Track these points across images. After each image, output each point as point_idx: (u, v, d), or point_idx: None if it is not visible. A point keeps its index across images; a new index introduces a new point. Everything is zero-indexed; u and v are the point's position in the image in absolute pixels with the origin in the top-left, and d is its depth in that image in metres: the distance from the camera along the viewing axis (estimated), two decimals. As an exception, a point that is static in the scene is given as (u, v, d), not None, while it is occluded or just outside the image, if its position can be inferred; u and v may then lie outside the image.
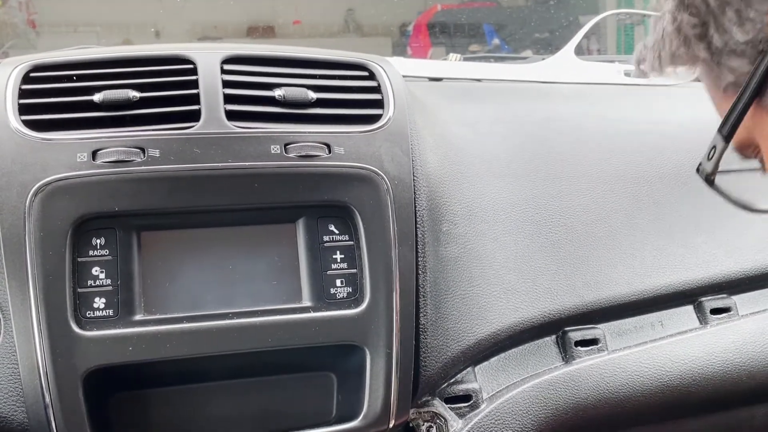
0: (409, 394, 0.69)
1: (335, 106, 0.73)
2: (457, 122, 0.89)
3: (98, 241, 0.64)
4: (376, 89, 0.76)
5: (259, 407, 0.69)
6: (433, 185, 0.79)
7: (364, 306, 0.67)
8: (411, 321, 0.69)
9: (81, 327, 0.61)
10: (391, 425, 0.67)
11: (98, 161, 0.64)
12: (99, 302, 0.63)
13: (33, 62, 0.70)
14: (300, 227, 0.69)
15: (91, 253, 0.63)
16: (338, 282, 0.68)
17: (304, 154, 0.69)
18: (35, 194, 0.62)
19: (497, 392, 0.79)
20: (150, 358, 0.62)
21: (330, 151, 0.69)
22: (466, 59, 1.21)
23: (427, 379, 0.74)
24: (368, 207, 0.69)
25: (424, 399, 0.76)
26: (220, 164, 0.66)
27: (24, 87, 0.68)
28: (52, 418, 0.60)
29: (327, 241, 0.69)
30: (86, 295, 0.62)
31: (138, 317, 0.63)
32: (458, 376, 0.79)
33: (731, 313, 0.88)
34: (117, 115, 0.67)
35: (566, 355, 0.82)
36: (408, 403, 0.69)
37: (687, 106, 1.09)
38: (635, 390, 0.81)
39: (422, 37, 2.96)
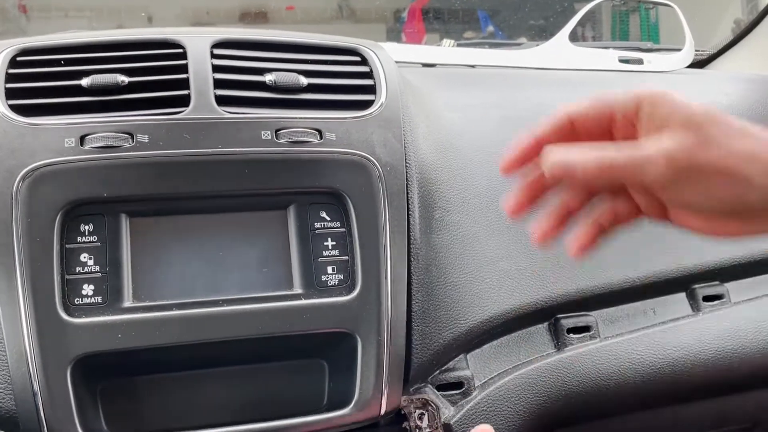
0: (400, 381, 0.68)
1: (327, 92, 0.73)
2: (450, 108, 0.88)
3: (86, 227, 0.63)
4: (368, 75, 0.75)
5: (249, 395, 0.68)
6: (426, 172, 0.79)
7: (355, 293, 0.66)
8: (402, 308, 0.68)
9: (69, 314, 0.61)
10: (382, 412, 0.66)
11: (86, 146, 0.63)
12: (87, 289, 0.62)
13: (20, 46, 0.69)
14: (291, 214, 0.68)
15: (79, 239, 0.63)
16: (329, 269, 0.68)
17: (295, 140, 0.68)
18: (22, 179, 0.61)
19: (489, 379, 0.79)
20: (139, 345, 0.62)
21: (321, 137, 0.69)
22: (460, 45, 1.20)
23: (419, 367, 0.74)
24: (360, 194, 0.68)
25: (416, 386, 0.75)
26: (209, 150, 0.65)
27: (11, 71, 0.67)
28: (40, 406, 0.59)
29: (318, 228, 0.68)
30: (74, 282, 0.62)
31: (127, 304, 0.63)
32: (450, 363, 0.78)
33: (724, 300, 0.88)
34: (105, 100, 0.67)
35: (558, 343, 0.82)
36: (399, 391, 0.68)
37: (682, 92, 1.09)
38: (627, 377, 0.81)
39: (416, 23, 2.95)
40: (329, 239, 0.68)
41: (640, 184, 0.54)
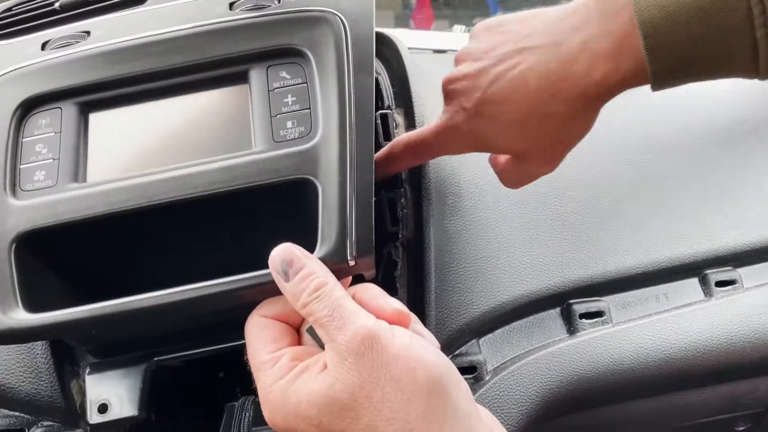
0: (370, 229, 0.59)
1: None
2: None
3: (44, 121, 0.63)
4: None
5: (211, 258, 0.64)
6: (440, 158, 0.79)
7: (315, 140, 0.61)
8: (369, 155, 0.61)
9: (17, 198, 0.60)
10: (351, 263, 0.58)
11: (46, 50, 0.64)
12: (39, 174, 0.61)
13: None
14: (251, 83, 0.64)
15: (36, 132, 0.62)
16: (289, 123, 0.63)
17: (249, 6, 0.66)
18: None
19: (502, 364, 0.79)
20: (82, 215, 0.58)
21: (280, 1, 0.66)
22: (470, 30, 1.20)
23: (432, 351, 0.75)
24: (322, 47, 0.64)
25: (429, 371, 0.76)
26: (162, 30, 0.64)
27: (1, 15, 0.71)
28: None
29: (278, 87, 0.64)
30: (28, 170, 0.61)
31: (77, 184, 0.61)
32: (463, 348, 0.79)
33: (736, 285, 0.88)
34: (71, 14, 0.68)
35: (571, 328, 0.83)
36: (370, 238, 0.59)
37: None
38: (639, 362, 0.81)
39: (425, 10, 2.94)
40: (289, 96, 0.63)
41: None
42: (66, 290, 0.62)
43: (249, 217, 0.63)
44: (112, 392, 0.63)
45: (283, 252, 0.52)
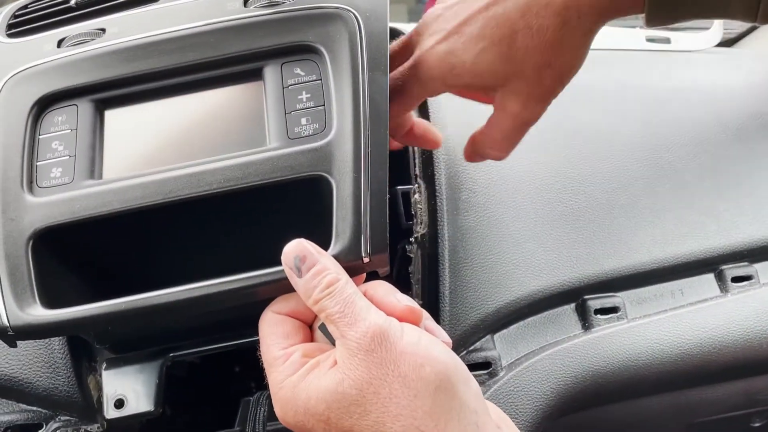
0: (384, 226, 0.60)
1: None
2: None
3: (60, 118, 0.63)
4: None
5: (227, 255, 0.65)
6: (453, 154, 0.79)
7: (330, 137, 0.61)
8: (384, 151, 0.61)
9: (33, 194, 0.60)
10: (365, 260, 0.58)
11: (62, 47, 0.65)
12: (56, 171, 0.61)
13: None
14: (265, 78, 0.65)
15: (52, 129, 0.63)
16: (303, 120, 0.63)
17: (263, 4, 0.66)
18: (2, 86, 0.63)
19: (516, 360, 0.79)
20: (97, 212, 0.59)
21: None
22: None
23: (447, 347, 0.75)
24: (335, 43, 0.64)
25: (444, 366, 0.76)
26: (176, 27, 0.65)
27: (18, 13, 0.70)
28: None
29: (292, 84, 0.64)
30: (44, 167, 0.61)
31: (93, 181, 0.61)
32: (477, 343, 0.79)
33: (752, 281, 0.88)
34: (86, 12, 0.68)
35: (585, 323, 0.82)
36: (384, 236, 0.60)
37: (709, 72, 1.08)
38: (655, 358, 0.81)
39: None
40: (303, 92, 0.64)
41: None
42: (82, 286, 0.63)
43: (263, 213, 0.63)
44: (128, 387, 0.63)
45: (296, 248, 0.52)
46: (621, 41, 1.13)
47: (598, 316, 0.82)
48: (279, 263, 0.54)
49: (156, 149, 0.63)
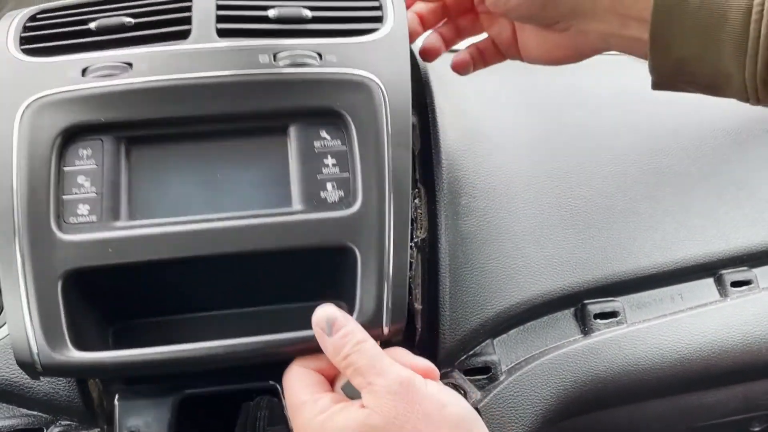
0: (404, 298, 0.64)
1: (332, 22, 0.71)
2: (476, 94, 0.88)
3: (85, 151, 0.63)
4: (377, 8, 0.73)
5: (244, 323, 0.67)
6: (453, 158, 0.79)
7: (355, 208, 0.63)
8: (406, 224, 0.65)
9: (62, 231, 0.60)
10: (385, 330, 0.62)
11: (88, 77, 0.64)
12: (83, 209, 0.61)
13: (42, 6, 0.72)
14: (290, 135, 0.66)
15: (77, 162, 0.63)
16: (329, 186, 0.65)
17: (294, 62, 0.67)
18: (25, 109, 0.62)
19: (516, 364, 0.79)
20: (130, 260, 0.60)
21: (322, 59, 0.67)
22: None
23: (447, 352, 0.75)
24: (361, 112, 0.66)
25: (444, 371, 0.76)
26: (206, 74, 0.65)
27: (28, 24, 0.69)
28: (29, 321, 0.59)
29: (318, 147, 0.66)
30: (70, 202, 0.62)
31: (121, 223, 0.62)
32: (477, 348, 0.79)
33: (752, 285, 0.88)
34: (110, 39, 0.67)
35: (585, 328, 0.82)
36: (403, 309, 0.64)
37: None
38: (654, 362, 0.81)
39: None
40: (329, 157, 0.65)
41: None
42: (107, 328, 0.64)
43: (284, 272, 0.65)
44: (141, 421, 0.64)
45: (326, 312, 0.58)
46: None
47: (598, 320, 0.82)
48: (298, 321, 0.60)
49: (181, 194, 0.64)
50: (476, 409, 0.74)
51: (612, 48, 0.65)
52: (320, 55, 0.67)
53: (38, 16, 0.71)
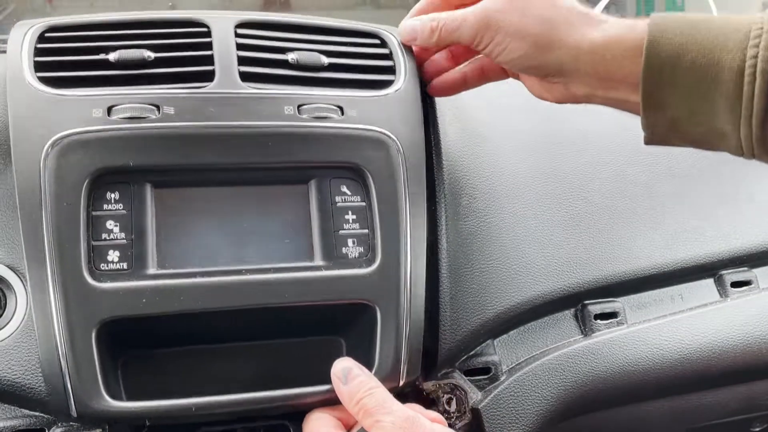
0: (419, 352, 0.68)
1: (348, 71, 0.73)
2: (476, 96, 0.88)
3: (113, 195, 0.64)
4: (388, 56, 0.76)
5: (265, 369, 0.69)
6: (453, 159, 0.79)
7: (375, 266, 0.67)
8: (422, 281, 0.69)
9: (95, 279, 0.61)
10: (401, 383, 0.67)
11: (113, 117, 0.64)
12: (113, 255, 0.63)
13: (48, 23, 0.71)
14: (312, 188, 0.69)
15: (105, 207, 0.63)
16: (350, 242, 0.68)
17: (317, 115, 0.68)
18: (51, 147, 0.62)
19: (517, 365, 0.79)
20: (162, 311, 0.62)
21: (343, 113, 0.69)
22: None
23: (448, 352, 0.75)
24: (380, 169, 0.69)
25: (445, 371, 0.76)
26: (234, 123, 0.66)
27: (39, 46, 0.69)
28: (65, 369, 0.60)
29: (339, 202, 0.68)
30: (100, 248, 0.63)
31: (151, 271, 0.63)
32: (477, 348, 0.79)
33: (752, 286, 0.88)
34: (132, 74, 0.68)
35: (585, 329, 0.83)
36: (418, 362, 0.69)
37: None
38: (655, 363, 0.81)
39: (439, 9, 2.92)
40: (350, 212, 0.68)
41: (462, 43, 0.68)
42: (116, 359, 0.65)
43: (300, 317, 0.68)
44: None
45: (343, 364, 0.63)
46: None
47: (598, 321, 0.83)
48: (313, 374, 0.65)
49: (208, 243, 0.66)
50: (477, 409, 0.75)
51: (602, 104, 0.66)
52: (341, 109, 0.69)
53: (47, 35, 0.70)
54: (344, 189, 0.69)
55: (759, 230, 0.90)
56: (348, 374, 0.62)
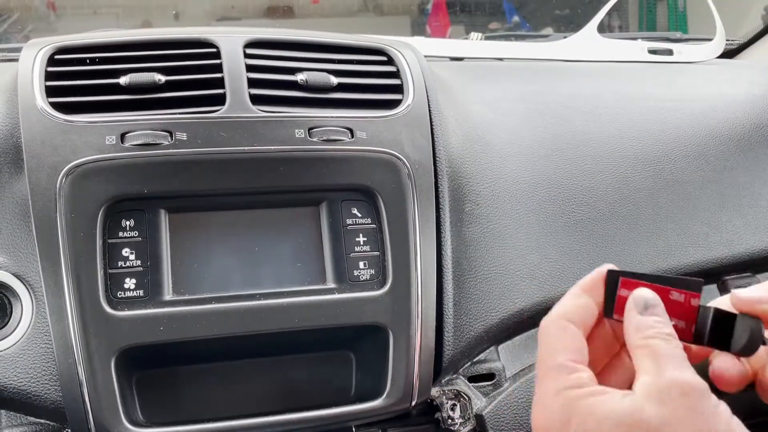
0: (430, 374, 0.69)
1: (356, 91, 0.74)
2: (479, 102, 0.88)
3: (128, 222, 0.65)
4: (395, 74, 0.76)
5: (278, 386, 0.70)
6: (456, 166, 0.79)
7: (387, 288, 0.68)
8: (432, 302, 0.69)
9: (113, 307, 0.62)
10: (413, 404, 0.68)
11: (126, 144, 0.65)
12: (129, 283, 0.64)
13: (57, 45, 0.71)
14: (323, 210, 0.70)
15: (120, 234, 0.64)
16: (361, 264, 0.69)
17: (327, 138, 0.69)
18: (66, 176, 0.63)
19: (520, 371, 0.79)
20: (179, 337, 0.63)
21: (353, 136, 0.70)
22: (487, 38, 1.20)
23: (451, 359, 0.75)
24: (390, 191, 0.70)
25: (449, 378, 0.76)
26: (246, 148, 0.67)
27: (50, 69, 0.69)
28: (85, 396, 0.62)
29: (350, 224, 0.70)
30: (117, 276, 0.64)
31: (167, 298, 0.64)
32: (481, 355, 0.79)
33: (756, 291, 0.88)
34: (143, 99, 0.68)
35: (589, 334, 0.82)
36: (429, 382, 0.69)
37: (710, 83, 1.08)
38: (658, 368, 0.80)
39: (441, 16, 2.94)
40: (360, 235, 0.70)
41: None
42: (130, 378, 0.66)
43: (310, 336, 0.69)
44: None
45: (646, 295, 0.52)
46: (623, 53, 1.14)
47: (602, 327, 0.82)
48: (323, 386, 0.68)
49: (222, 268, 0.67)
50: (481, 416, 0.75)
51: None
52: (351, 131, 0.70)
53: (57, 57, 0.70)
54: (355, 211, 0.70)
55: (762, 236, 0.89)
56: (650, 306, 0.51)
